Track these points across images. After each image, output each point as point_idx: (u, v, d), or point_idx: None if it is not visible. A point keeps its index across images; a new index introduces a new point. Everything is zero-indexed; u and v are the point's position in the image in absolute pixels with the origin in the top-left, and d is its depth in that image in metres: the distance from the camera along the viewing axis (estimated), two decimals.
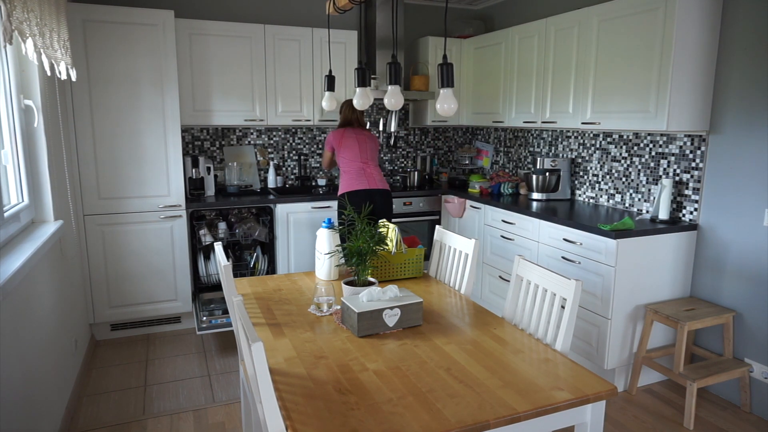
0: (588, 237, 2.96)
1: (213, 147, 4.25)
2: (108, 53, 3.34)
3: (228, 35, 3.83)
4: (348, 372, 1.61)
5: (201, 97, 3.83)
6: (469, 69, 4.53)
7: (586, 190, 3.79)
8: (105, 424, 2.64)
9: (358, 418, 1.37)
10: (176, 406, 2.81)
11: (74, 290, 3.12)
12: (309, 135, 4.54)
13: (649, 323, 2.87)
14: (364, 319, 1.84)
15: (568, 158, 3.86)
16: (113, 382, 3.06)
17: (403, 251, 2.49)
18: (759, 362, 2.75)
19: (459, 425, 1.34)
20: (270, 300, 2.23)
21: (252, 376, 1.56)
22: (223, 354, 3.43)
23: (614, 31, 3.07)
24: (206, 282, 3.84)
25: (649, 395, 2.97)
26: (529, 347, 1.80)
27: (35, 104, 2.60)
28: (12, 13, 1.72)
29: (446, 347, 1.78)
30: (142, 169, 3.52)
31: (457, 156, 5.00)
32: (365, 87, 2.35)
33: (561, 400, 1.47)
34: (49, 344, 2.41)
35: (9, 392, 1.82)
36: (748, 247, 2.77)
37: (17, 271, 1.85)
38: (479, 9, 4.91)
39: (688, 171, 3.04)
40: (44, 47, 2.17)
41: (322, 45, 4.09)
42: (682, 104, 2.82)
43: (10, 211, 2.32)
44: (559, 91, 3.53)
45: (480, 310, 2.14)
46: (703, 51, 2.82)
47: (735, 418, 2.74)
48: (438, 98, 1.87)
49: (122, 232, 3.54)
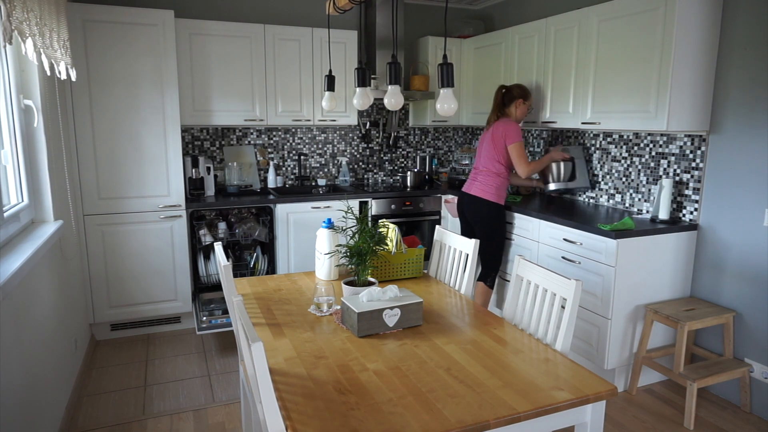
0: (588, 237, 2.96)
1: (213, 147, 4.25)
2: (108, 53, 3.34)
3: (228, 35, 3.83)
4: (348, 372, 1.61)
5: (201, 97, 3.83)
6: (469, 69, 4.53)
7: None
8: (105, 424, 2.64)
9: (358, 418, 1.37)
10: (176, 406, 2.81)
11: (74, 290, 3.12)
12: (309, 135, 4.54)
13: (649, 323, 2.87)
14: (364, 319, 1.84)
15: (579, 145, 3.70)
16: (113, 382, 3.06)
17: (403, 251, 2.49)
18: (759, 362, 2.75)
19: (459, 425, 1.34)
20: (270, 300, 2.23)
21: (252, 376, 1.56)
22: (223, 354, 3.43)
23: (614, 31, 3.07)
24: (206, 282, 3.84)
25: (649, 395, 2.96)
26: (529, 347, 1.80)
27: (35, 104, 2.60)
28: (12, 13, 1.72)
29: (446, 347, 1.78)
30: (142, 169, 3.52)
31: (457, 156, 5.00)
32: (365, 87, 2.35)
33: (561, 400, 1.47)
34: (49, 344, 2.41)
35: (9, 392, 1.82)
36: (748, 247, 2.77)
37: (17, 271, 1.85)
38: (479, 9, 4.91)
39: (688, 171, 3.04)
40: (44, 47, 2.17)
41: (322, 45, 4.09)
42: (682, 104, 2.81)
43: (9, 211, 2.32)
44: (559, 91, 3.53)
45: (480, 310, 2.14)
46: (703, 51, 2.82)
47: (735, 418, 2.74)
48: (438, 98, 1.87)
49: (122, 232, 3.54)
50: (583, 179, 3.63)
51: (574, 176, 3.62)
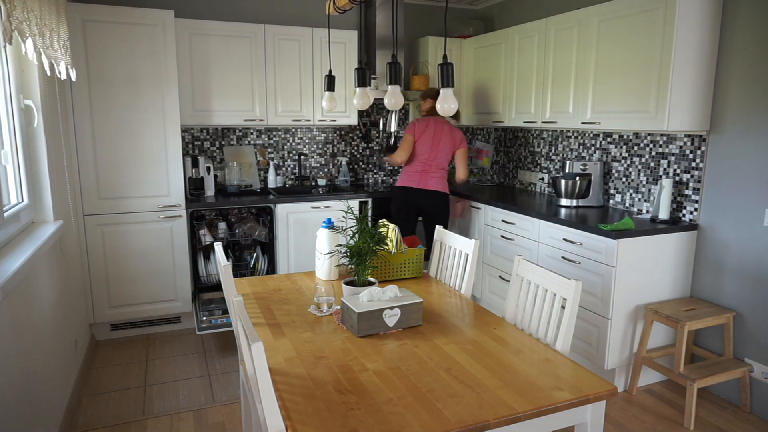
0: (588, 237, 2.96)
1: (213, 147, 4.25)
2: (108, 53, 3.34)
3: (228, 35, 3.83)
4: (348, 372, 1.61)
5: (201, 97, 3.83)
6: (469, 69, 4.53)
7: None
8: (105, 424, 2.64)
9: (358, 418, 1.37)
10: (176, 406, 2.81)
11: (74, 290, 3.12)
12: (309, 135, 4.54)
13: (649, 323, 2.87)
14: (364, 319, 1.84)
15: (600, 162, 3.56)
16: (113, 382, 3.06)
17: (403, 251, 2.49)
18: (759, 362, 2.75)
19: (459, 425, 1.34)
20: (270, 300, 2.23)
21: (252, 376, 1.56)
22: (223, 354, 3.43)
23: (614, 31, 3.07)
24: (206, 282, 3.84)
25: (649, 395, 2.97)
26: (529, 347, 1.80)
27: (35, 104, 2.60)
28: (12, 13, 1.72)
29: (446, 347, 1.78)
30: (142, 169, 3.52)
31: None
32: (365, 87, 2.35)
33: (561, 400, 1.47)
34: (49, 344, 2.41)
35: (9, 392, 1.82)
36: (748, 247, 2.77)
37: (17, 271, 1.85)
38: (479, 9, 4.91)
39: (688, 171, 3.04)
40: (44, 47, 2.17)
41: (322, 45, 4.09)
42: (682, 104, 2.81)
43: (10, 211, 2.32)
44: (559, 91, 3.53)
45: (480, 310, 2.14)
46: (703, 51, 2.82)
47: (735, 418, 2.74)
48: (438, 98, 1.87)
49: (122, 232, 3.54)
50: (596, 198, 3.55)
51: (588, 194, 3.55)
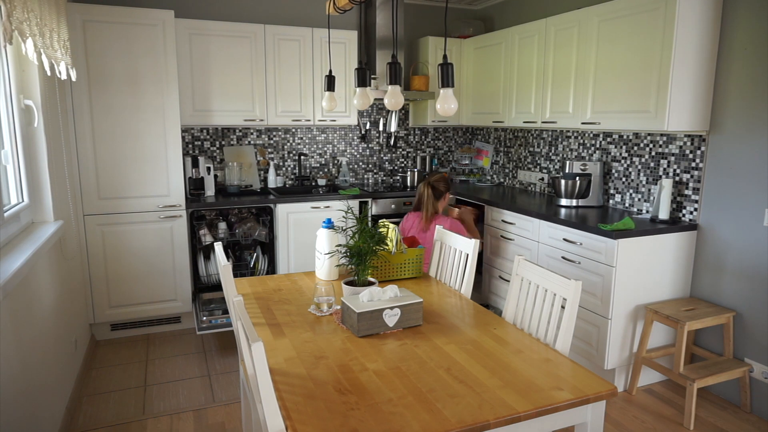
0: (588, 237, 2.96)
1: (213, 147, 4.24)
2: (108, 53, 3.34)
3: (228, 35, 3.83)
4: (348, 372, 1.61)
5: (201, 97, 3.83)
6: (469, 69, 4.53)
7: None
8: (105, 424, 2.64)
9: (358, 418, 1.37)
10: (176, 406, 2.81)
11: (74, 290, 3.12)
12: (309, 135, 4.54)
13: (649, 323, 2.87)
14: (364, 319, 1.84)
15: (600, 162, 3.55)
16: (113, 382, 3.06)
17: (403, 251, 2.49)
18: (759, 362, 2.75)
19: (459, 425, 1.34)
20: (270, 300, 2.23)
21: (252, 376, 1.56)
22: (223, 354, 3.43)
23: (614, 31, 3.07)
24: (206, 282, 3.84)
25: (649, 395, 2.97)
26: (529, 347, 1.80)
27: (35, 104, 2.60)
28: (12, 13, 1.72)
29: (446, 347, 1.78)
30: (142, 169, 3.52)
31: (457, 156, 5.00)
32: (365, 87, 2.35)
33: (561, 400, 1.47)
34: (49, 344, 2.41)
35: (9, 392, 1.82)
36: (748, 247, 2.77)
37: (17, 271, 1.85)
38: (479, 9, 4.91)
39: (688, 171, 3.04)
40: (44, 47, 2.17)
41: (322, 45, 4.09)
42: (682, 104, 2.81)
43: (10, 211, 2.32)
44: (559, 91, 3.53)
45: (480, 310, 2.14)
46: (703, 51, 2.82)
47: (735, 418, 2.74)
48: (438, 98, 1.87)
49: (122, 232, 3.54)
50: (595, 198, 3.54)
51: (588, 193, 3.54)
